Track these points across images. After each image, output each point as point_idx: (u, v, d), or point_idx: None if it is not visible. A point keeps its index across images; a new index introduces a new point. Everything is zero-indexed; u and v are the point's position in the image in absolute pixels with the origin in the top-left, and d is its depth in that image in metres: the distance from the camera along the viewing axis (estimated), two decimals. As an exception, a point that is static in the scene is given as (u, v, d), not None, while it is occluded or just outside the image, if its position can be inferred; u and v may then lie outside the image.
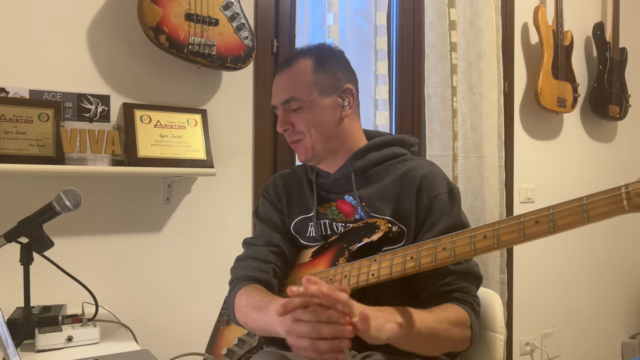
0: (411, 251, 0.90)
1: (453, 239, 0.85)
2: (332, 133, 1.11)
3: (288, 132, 1.12)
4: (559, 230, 0.74)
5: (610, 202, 0.69)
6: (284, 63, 1.14)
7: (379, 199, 1.07)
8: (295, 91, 1.09)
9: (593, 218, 0.70)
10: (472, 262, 1.05)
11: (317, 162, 1.15)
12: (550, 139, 2.64)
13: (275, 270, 1.13)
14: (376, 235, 1.01)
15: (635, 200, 0.66)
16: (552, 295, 2.66)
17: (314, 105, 1.09)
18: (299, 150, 1.13)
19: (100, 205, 1.55)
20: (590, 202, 0.71)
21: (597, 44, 2.74)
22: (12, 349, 0.82)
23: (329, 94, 1.11)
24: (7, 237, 1.15)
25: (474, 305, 1.02)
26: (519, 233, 0.77)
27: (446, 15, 2.13)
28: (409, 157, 1.15)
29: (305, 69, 1.10)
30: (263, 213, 1.21)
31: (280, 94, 1.12)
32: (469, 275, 1.03)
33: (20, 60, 1.45)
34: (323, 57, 1.12)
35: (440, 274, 1.00)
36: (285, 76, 1.12)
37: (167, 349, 1.65)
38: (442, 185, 1.07)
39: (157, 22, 1.48)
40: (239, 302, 1.06)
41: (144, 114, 1.56)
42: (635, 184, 0.67)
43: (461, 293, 1.01)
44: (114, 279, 1.57)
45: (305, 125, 1.10)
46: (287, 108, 1.11)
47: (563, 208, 0.73)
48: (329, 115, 1.10)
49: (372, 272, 0.94)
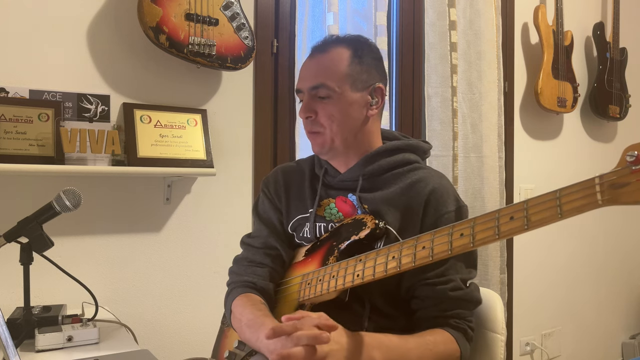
0: (393, 250, 0.89)
1: (432, 237, 0.84)
2: (355, 130, 1.08)
3: (309, 121, 1.08)
4: (532, 227, 0.71)
5: (584, 196, 0.66)
6: (318, 47, 1.10)
7: (382, 204, 1.05)
8: (327, 78, 1.05)
9: (567, 213, 0.67)
10: (472, 287, 1.02)
11: (331, 158, 1.12)
12: (550, 139, 2.64)
13: (272, 273, 1.12)
14: (363, 232, 1.00)
15: (608, 192, 0.64)
16: (553, 296, 2.66)
17: (343, 97, 1.05)
18: (317, 141, 1.09)
19: (100, 205, 1.55)
20: (564, 195, 0.68)
21: (597, 44, 2.74)
22: (12, 349, 0.82)
23: (361, 89, 1.07)
24: (7, 237, 1.15)
25: (467, 332, 1.00)
26: (494, 230, 0.75)
27: (446, 15, 2.13)
28: (420, 165, 1.12)
29: (341, 58, 1.06)
30: (262, 211, 1.20)
31: (309, 79, 1.07)
32: (467, 301, 1.01)
33: (20, 60, 1.45)
34: (361, 49, 1.08)
35: (437, 298, 0.99)
36: (318, 61, 1.07)
37: (167, 349, 1.65)
38: (451, 202, 1.04)
39: (157, 22, 1.48)
40: (235, 311, 1.06)
41: (144, 114, 1.56)
42: (608, 174, 0.64)
43: (456, 320, 0.99)
44: (114, 279, 1.57)
45: (328, 117, 1.06)
46: (314, 94, 1.06)
47: (537, 202, 0.71)
48: (355, 111, 1.07)
49: (357, 273, 0.93)
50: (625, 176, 0.62)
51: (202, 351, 1.70)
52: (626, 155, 0.62)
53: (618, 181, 0.63)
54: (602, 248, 2.88)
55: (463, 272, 1.02)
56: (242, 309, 1.04)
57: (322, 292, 0.99)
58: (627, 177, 0.62)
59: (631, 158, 0.61)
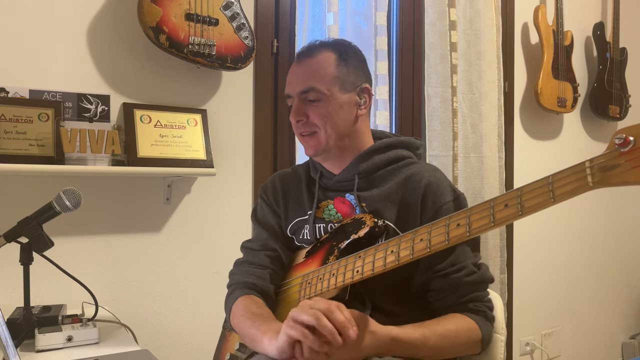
0: (392, 244, 0.90)
1: (430, 229, 0.86)
2: (347, 131, 1.10)
3: (301, 124, 1.10)
4: (527, 213, 0.73)
5: (575, 179, 0.68)
6: (304, 53, 1.12)
7: (380, 201, 1.07)
8: (316, 82, 1.07)
9: (559, 197, 0.70)
10: (484, 267, 1.04)
11: (324, 159, 1.14)
12: (550, 139, 2.64)
13: (272, 275, 1.13)
14: (362, 230, 1.01)
15: (598, 175, 0.66)
16: (552, 295, 2.66)
17: (333, 99, 1.07)
18: (310, 143, 1.10)
19: (100, 205, 1.55)
20: (557, 180, 0.70)
21: (597, 44, 2.74)
22: (12, 349, 0.82)
23: (349, 90, 1.09)
24: (7, 237, 1.15)
25: (487, 312, 1.02)
26: (489, 218, 0.77)
27: (446, 15, 2.13)
28: (413, 160, 1.14)
29: (327, 61, 1.09)
30: (261, 216, 1.21)
31: (298, 83, 1.09)
32: (482, 283, 1.03)
33: (20, 60, 1.45)
34: (346, 52, 1.11)
35: (453, 286, 1.00)
36: (306, 66, 1.10)
37: (167, 349, 1.65)
38: (448, 193, 1.06)
39: (157, 22, 1.48)
40: (236, 312, 1.06)
41: (144, 114, 1.56)
42: (598, 157, 0.66)
43: (474, 303, 1.01)
44: (114, 279, 1.57)
45: (321, 118, 1.07)
46: (304, 98, 1.08)
47: (531, 189, 0.73)
48: (345, 112, 1.09)
49: (356, 269, 0.94)
50: (615, 158, 0.65)
51: (202, 351, 1.70)
52: (615, 138, 0.65)
53: (607, 163, 0.65)
54: (602, 248, 2.88)
55: (471, 256, 1.03)
56: (244, 310, 1.04)
57: (322, 290, 0.99)
58: (616, 159, 0.65)
59: (619, 141, 0.64)
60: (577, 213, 2.73)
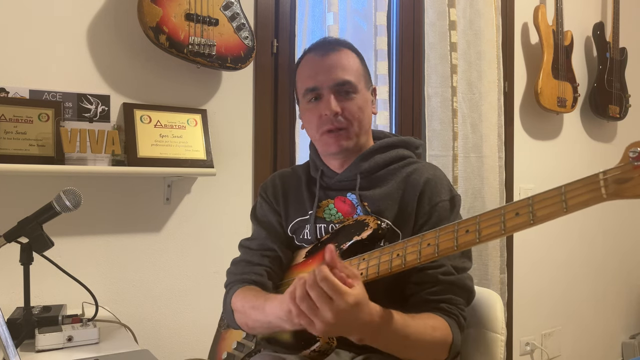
0: (397, 248, 0.90)
1: (437, 234, 0.85)
2: (367, 128, 1.12)
3: (337, 117, 1.05)
4: (538, 222, 0.73)
5: (588, 190, 0.69)
6: (326, 47, 1.09)
7: (381, 200, 1.07)
8: (350, 75, 1.06)
9: (572, 207, 0.70)
10: (464, 275, 1.02)
11: (339, 157, 1.12)
12: (550, 139, 2.65)
13: (270, 273, 1.12)
14: (365, 232, 1.00)
15: (612, 187, 0.66)
16: (552, 295, 2.66)
17: (362, 95, 1.08)
18: (340, 139, 1.07)
19: (100, 205, 1.55)
20: (569, 190, 0.70)
21: (597, 44, 2.74)
22: (12, 349, 0.82)
23: (368, 88, 1.12)
24: (7, 237, 1.15)
25: (459, 318, 0.99)
26: (500, 226, 0.76)
27: (446, 15, 2.13)
28: (414, 160, 1.14)
29: (353, 58, 1.10)
30: (260, 214, 1.21)
31: (331, 75, 1.05)
32: (459, 287, 1.00)
33: (20, 60, 1.45)
34: (358, 53, 1.13)
35: (430, 282, 0.99)
36: (335, 59, 1.07)
37: (167, 348, 1.65)
38: (445, 192, 1.06)
39: (157, 22, 1.48)
40: (236, 303, 1.06)
41: (144, 114, 1.56)
42: (612, 170, 0.67)
43: (448, 304, 0.98)
44: (114, 279, 1.57)
45: (355, 113, 1.06)
46: (339, 90, 1.06)
47: (542, 198, 0.73)
48: (369, 108, 1.11)
49: (360, 272, 0.93)
50: (629, 171, 0.65)
51: (202, 351, 1.70)
52: (629, 151, 0.66)
53: (621, 176, 0.66)
54: (602, 248, 2.88)
55: (456, 260, 1.02)
56: (244, 296, 1.04)
57: None
58: (630, 173, 0.65)
59: (634, 154, 0.65)
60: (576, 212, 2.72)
